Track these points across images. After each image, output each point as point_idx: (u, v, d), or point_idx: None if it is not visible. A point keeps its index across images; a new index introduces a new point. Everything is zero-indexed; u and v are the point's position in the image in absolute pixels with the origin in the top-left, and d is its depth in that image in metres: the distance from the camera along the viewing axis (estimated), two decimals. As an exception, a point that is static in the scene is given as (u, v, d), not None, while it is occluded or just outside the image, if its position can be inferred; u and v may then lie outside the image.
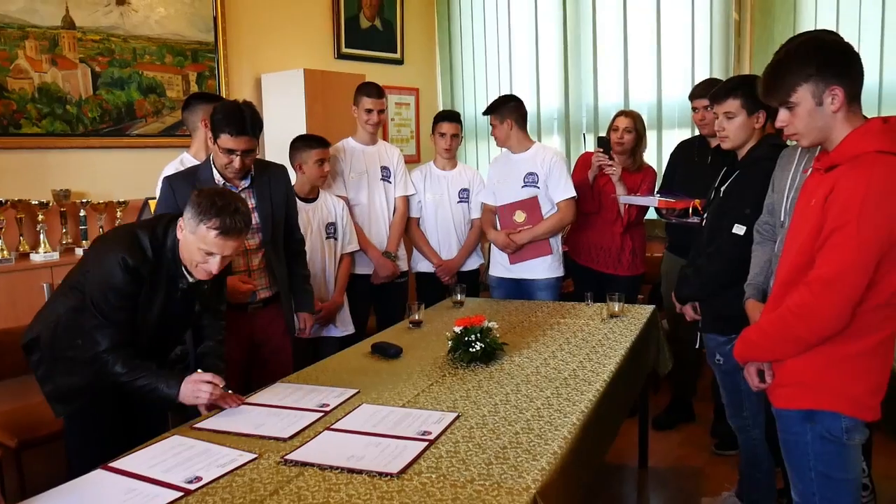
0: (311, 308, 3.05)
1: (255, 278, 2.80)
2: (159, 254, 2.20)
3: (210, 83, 4.36)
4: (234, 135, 2.57)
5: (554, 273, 3.75)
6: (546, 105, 5.45)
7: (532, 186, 3.69)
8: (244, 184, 2.75)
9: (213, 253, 2.11)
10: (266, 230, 2.78)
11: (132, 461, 1.83)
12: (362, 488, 1.64)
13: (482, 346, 2.52)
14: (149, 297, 2.22)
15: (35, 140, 3.65)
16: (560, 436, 1.90)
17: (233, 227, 2.08)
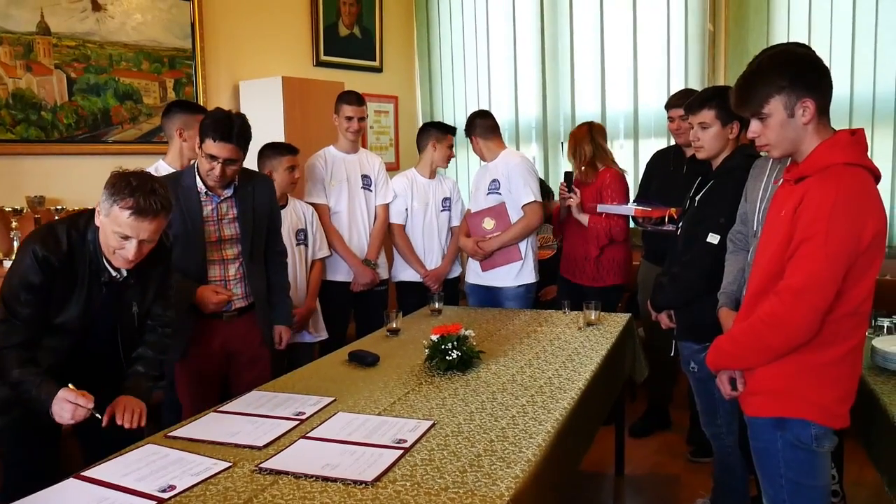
0: (289, 321, 3.02)
1: (231, 288, 2.77)
2: (78, 245, 2.07)
3: (188, 90, 4.34)
4: (216, 140, 2.55)
5: (524, 280, 3.78)
6: (524, 114, 5.49)
7: (495, 193, 3.76)
8: (227, 193, 2.73)
9: (128, 236, 1.99)
10: (245, 240, 2.76)
11: (105, 470, 1.81)
12: (337, 496, 1.64)
13: (459, 354, 2.53)
14: (65, 292, 2.08)
15: (9, 146, 3.61)
16: (534, 443, 1.91)
17: (148, 208, 1.97)
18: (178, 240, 2.64)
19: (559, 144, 5.33)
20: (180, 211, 2.64)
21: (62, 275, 2.05)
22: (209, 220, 2.71)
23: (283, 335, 2.97)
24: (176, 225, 2.63)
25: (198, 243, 2.68)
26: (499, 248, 3.72)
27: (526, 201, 3.70)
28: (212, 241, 2.71)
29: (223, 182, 2.67)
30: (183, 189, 2.67)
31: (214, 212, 2.71)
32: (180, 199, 2.65)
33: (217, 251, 2.73)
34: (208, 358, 2.77)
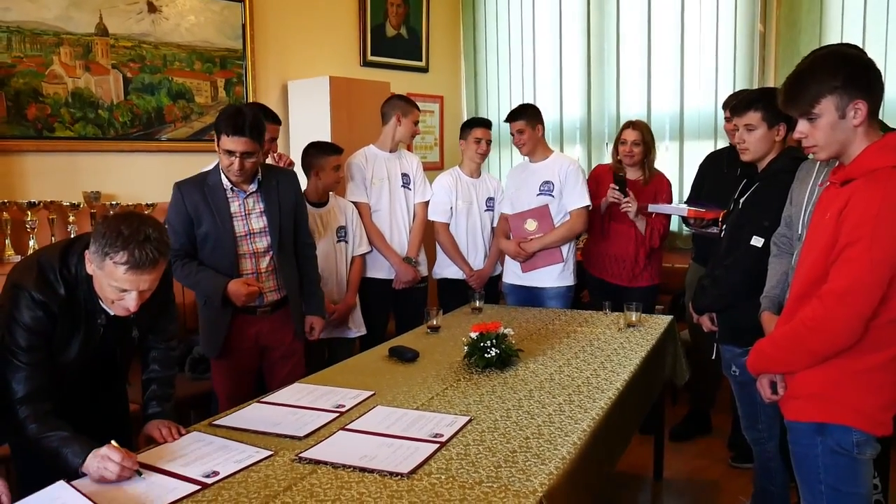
0: (321, 312, 3.06)
1: (263, 281, 2.82)
2: (72, 286, 1.95)
3: (238, 90, 4.45)
4: (230, 135, 2.60)
5: (565, 282, 3.78)
6: (569, 114, 5.47)
7: (547, 195, 3.73)
8: (252, 188, 2.78)
9: (127, 290, 1.86)
10: (273, 234, 2.81)
11: (152, 456, 1.89)
12: (373, 487, 1.68)
13: (497, 351, 2.55)
14: (65, 334, 1.99)
15: (68, 143, 3.75)
16: (570, 441, 1.93)
17: (144, 259, 1.81)
18: (209, 237, 2.74)
19: (603, 145, 5.30)
20: (209, 209, 2.73)
21: (62, 319, 1.95)
22: (237, 216, 2.77)
23: (315, 326, 3.01)
24: (206, 223, 2.73)
25: (228, 239, 2.75)
26: (540, 250, 3.72)
27: (576, 206, 3.71)
28: (241, 235, 2.77)
29: (244, 176, 2.71)
30: (210, 188, 2.75)
31: (241, 207, 2.78)
32: (208, 198, 2.73)
33: (247, 245, 2.79)
34: (243, 353, 2.84)
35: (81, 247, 1.95)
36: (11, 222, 3.41)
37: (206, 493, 1.67)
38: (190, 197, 2.74)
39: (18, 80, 3.56)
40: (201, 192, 2.74)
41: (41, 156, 3.67)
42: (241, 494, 1.66)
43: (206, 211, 2.73)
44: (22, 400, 1.88)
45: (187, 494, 1.66)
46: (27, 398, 1.88)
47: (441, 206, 3.93)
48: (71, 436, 1.83)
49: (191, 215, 2.74)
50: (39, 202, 3.50)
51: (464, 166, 4.01)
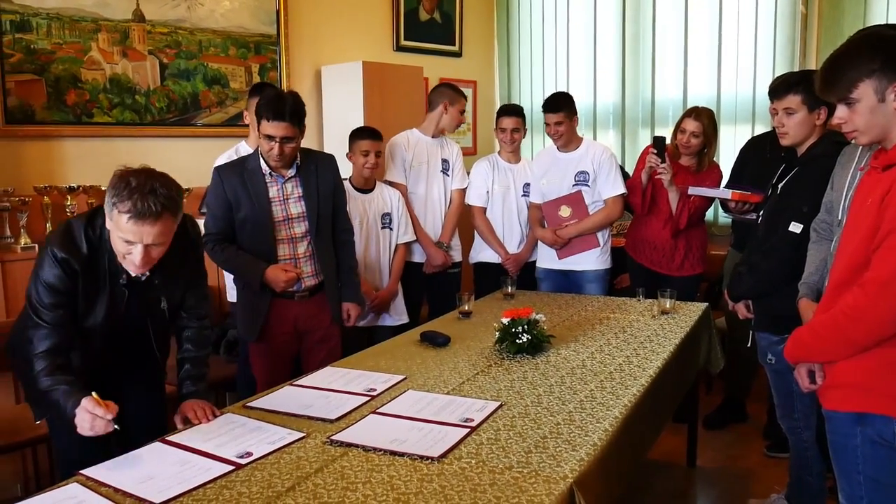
0: (358, 298, 3.06)
1: (301, 266, 2.83)
2: (96, 246, 1.98)
3: (272, 75, 4.47)
4: (271, 120, 2.61)
5: (603, 265, 3.75)
6: (602, 99, 5.41)
7: (583, 185, 3.70)
8: (290, 172, 2.79)
9: (132, 241, 1.88)
10: (311, 219, 2.82)
11: (187, 436, 1.92)
12: (403, 470, 1.69)
13: (529, 337, 2.54)
14: (90, 295, 2.02)
15: (106, 129, 3.81)
16: (601, 428, 1.91)
17: (147, 210, 1.82)
18: (248, 222, 2.76)
19: (638, 131, 5.23)
20: (248, 194, 2.74)
21: (85, 277, 1.98)
22: (276, 201, 2.78)
23: (352, 312, 3.00)
24: (245, 208, 2.75)
25: (266, 224, 2.76)
26: (576, 236, 3.69)
27: (613, 194, 3.67)
28: (279, 220, 2.78)
29: (283, 161, 2.72)
30: (248, 172, 2.76)
31: (280, 192, 2.79)
32: (247, 183, 2.75)
33: (285, 230, 2.80)
34: (281, 337, 2.86)
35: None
36: (52, 206, 3.48)
37: (239, 474, 1.70)
38: (229, 181, 2.76)
39: (58, 67, 3.62)
40: (240, 176, 2.76)
41: (80, 141, 3.73)
42: (274, 475, 1.68)
43: (244, 195, 2.75)
44: (39, 355, 1.93)
45: (222, 474, 1.69)
46: (44, 353, 1.93)
47: (477, 190, 3.93)
48: (73, 389, 1.86)
49: (230, 200, 2.76)
50: (79, 186, 3.56)
51: (501, 152, 3.99)
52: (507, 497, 1.55)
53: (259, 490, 1.61)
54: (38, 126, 3.58)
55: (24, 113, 3.53)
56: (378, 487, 1.61)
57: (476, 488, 1.59)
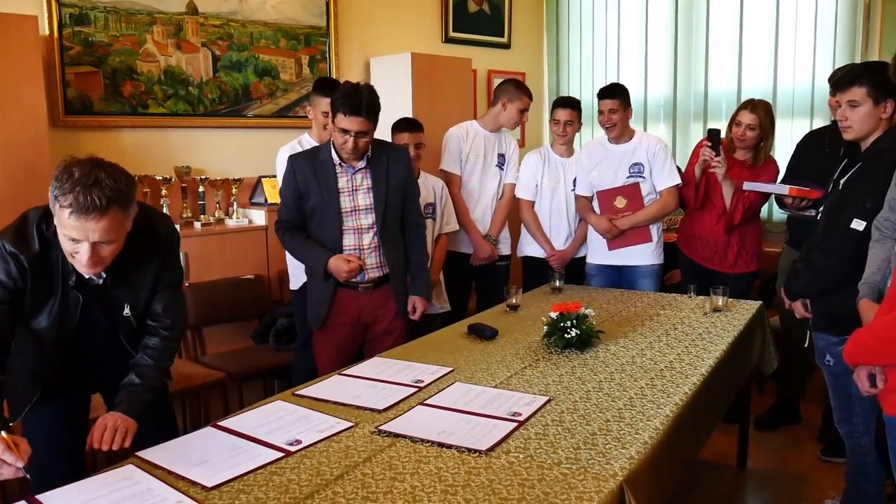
0: (425, 293, 3.01)
1: (365, 257, 2.83)
2: (48, 244, 1.79)
3: (321, 66, 4.50)
4: (347, 114, 2.63)
5: (656, 260, 3.69)
6: (654, 91, 5.32)
7: (637, 177, 3.63)
8: (360, 164, 2.80)
9: (77, 239, 1.68)
10: (378, 211, 2.81)
11: (239, 421, 1.94)
12: (451, 462, 1.68)
13: (577, 332, 2.51)
14: (38, 296, 1.83)
15: (160, 119, 3.88)
16: (651, 426, 1.88)
17: (89, 204, 1.62)
18: (316, 211, 2.80)
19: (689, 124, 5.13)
20: (317, 183, 2.77)
21: (35, 277, 1.80)
22: (344, 191, 2.80)
23: (418, 306, 2.97)
24: (314, 197, 2.78)
25: (333, 214, 2.78)
26: (630, 229, 3.64)
27: (668, 185, 3.61)
28: (347, 210, 2.80)
29: (356, 154, 2.74)
30: (320, 162, 2.79)
31: (349, 182, 2.80)
32: (317, 172, 2.78)
33: (352, 221, 2.81)
34: (344, 327, 2.88)
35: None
36: (108, 195, 3.56)
37: (288, 461, 1.71)
38: (301, 170, 2.80)
39: (115, 59, 3.70)
40: (312, 165, 2.79)
41: (136, 131, 3.81)
42: (323, 463, 1.69)
43: (314, 185, 2.78)
44: None
45: (271, 461, 1.71)
46: None
47: (526, 183, 3.89)
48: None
49: (300, 188, 2.80)
50: (134, 176, 3.63)
51: (553, 145, 3.95)
52: (556, 493, 1.53)
53: (308, 477, 1.62)
54: (96, 117, 3.67)
55: (83, 104, 3.62)
56: (426, 479, 1.60)
57: (524, 483, 1.58)
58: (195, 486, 1.60)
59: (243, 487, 1.59)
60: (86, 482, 1.64)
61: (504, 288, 3.22)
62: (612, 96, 3.62)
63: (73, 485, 1.62)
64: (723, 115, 4.86)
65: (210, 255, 3.74)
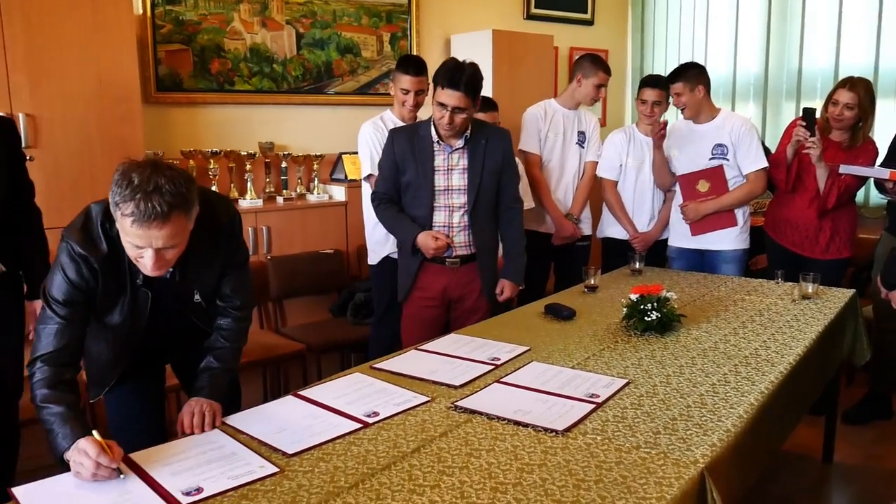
0: (517, 278, 2.98)
1: (453, 235, 2.83)
2: (116, 243, 1.74)
3: (402, 44, 4.51)
4: (445, 88, 2.63)
5: (741, 245, 3.55)
6: (743, 69, 5.11)
7: (720, 158, 3.49)
8: (458, 143, 2.79)
9: (140, 246, 1.64)
10: (471, 192, 2.80)
11: (318, 392, 1.98)
12: (527, 441, 1.67)
13: (658, 315, 2.45)
14: (110, 295, 1.82)
15: (245, 96, 3.98)
16: (735, 414, 1.82)
17: (153, 212, 1.57)
18: (410, 186, 2.82)
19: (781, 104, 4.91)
20: (414, 159, 2.79)
21: (105, 277, 1.78)
22: (439, 170, 2.80)
23: (507, 290, 2.95)
24: (410, 172, 2.80)
25: (426, 190, 2.80)
26: (713, 213, 3.52)
27: (754, 168, 3.45)
28: (440, 189, 2.81)
29: (452, 130, 2.73)
30: (419, 138, 2.81)
31: (445, 161, 2.80)
32: (415, 148, 2.79)
33: (444, 199, 2.82)
34: (429, 302, 2.90)
35: None
36: (196, 169, 3.68)
37: (366, 432, 1.74)
38: (399, 145, 2.82)
39: (203, 37, 3.80)
40: (410, 141, 2.81)
41: (222, 108, 3.92)
42: (399, 436, 1.71)
43: (411, 160, 2.80)
44: (43, 357, 1.71)
45: (349, 431, 1.74)
46: (49, 357, 1.71)
47: (610, 162, 3.81)
48: (69, 414, 1.62)
49: (397, 162, 2.82)
50: (220, 151, 3.75)
51: (639, 124, 3.85)
52: (634, 477, 1.51)
53: (385, 449, 1.65)
54: (185, 93, 3.79)
55: (173, 81, 3.74)
56: (502, 456, 1.60)
57: (602, 465, 1.56)
58: (276, 451, 1.64)
59: (322, 456, 1.62)
60: (175, 443, 1.71)
61: (582, 269, 3.17)
62: (673, 80, 3.48)
63: (163, 445, 1.70)
64: (818, 94, 4.64)
65: (291, 230, 3.83)
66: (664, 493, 1.44)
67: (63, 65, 3.06)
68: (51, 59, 3.03)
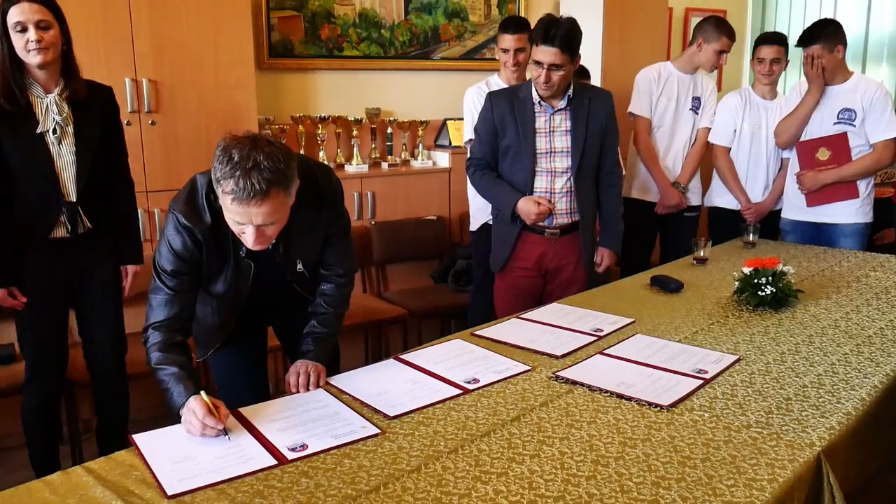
0: (615, 246, 2.89)
1: (555, 201, 2.71)
2: (220, 214, 1.74)
3: (510, 7, 4.43)
4: (539, 44, 2.53)
5: (863, 218, 3.30)
6: (877, 28, 4.74)
7: (846, 123, 3.24)
8: (561, 104, 2.68)
9: (241, 223, 1.66)
10: (575, 155, 2.69)
11: (419, 356, 2.01)
12: (630, 415, 1.63)
13: (773, 290, 2.33)
14: (216, 266, 1.86)
15: (354, 62, 4.02)
16: (856, 396, 1.72)
17: (252, 190, 1.57)
18: (510, 149, 2.72)
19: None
20: (514, 122, 2.69)
21: (209, 247, 1.81)
22: (541, 132, 2.70)
23: (606, 259, 2.86)
24: (510, 135, 2.71)
25: (528, 154, 2.69)
26: (834, 183, 3.29)
27: (884, 137, 3.20)
28: (542, 152, 2.71)
29: (550, 89, 2.62)
30: (519, 101, 2.71)
31: (547, 123, 2.70)
32: (515, 110, 2.70)
33: (546, 163, 2.71)
34: (525, 272, 2.80)
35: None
36: (305, 135, 3.77)
37: (466, 398, 1.74)
38: (498, 107, 2.72)
39: (315, 3, 3.85)
40: (510, 103, 2.71)
41: (331, 73, 3.98)
42: (500, 404, 1.71)
43: (511, 123, 2.70)
44: (154, 325, 1.78)
45: (449, 397, 1.75)
46: (160, 325, 1.78)
47: (723, 127, 3.61)
48: (181, 374, 1.70)
49: (496, 126, 2.73)
50: (328, 117, 3.82)
51: (755, 86, 3.64)
52: (744, 457, 1.44)
53: (485, 416, 1.65)
54: (296, 59, 3.87)
55: (285, 47, 3.83)
56: (603, 429, 1.57)
57: (709, 443, 1.50)
58: (378, 413, 1.67)
59: (422, 420, 1.64)
60: (281, 400, 1.77)
61: (691, 240, 3.05)
62: (810, 42, 3.22)
63: (271, 401, 1.76)
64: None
65: (395, 195, 3.87)
66: (776, 475, 1.38)
67: (183, 32, 3.18)
68: (171, 27, 3.15)
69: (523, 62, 3.26)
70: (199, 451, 1.51)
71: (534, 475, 1.39)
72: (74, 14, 2.94)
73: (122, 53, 3.07)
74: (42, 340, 2.49)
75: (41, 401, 2.55)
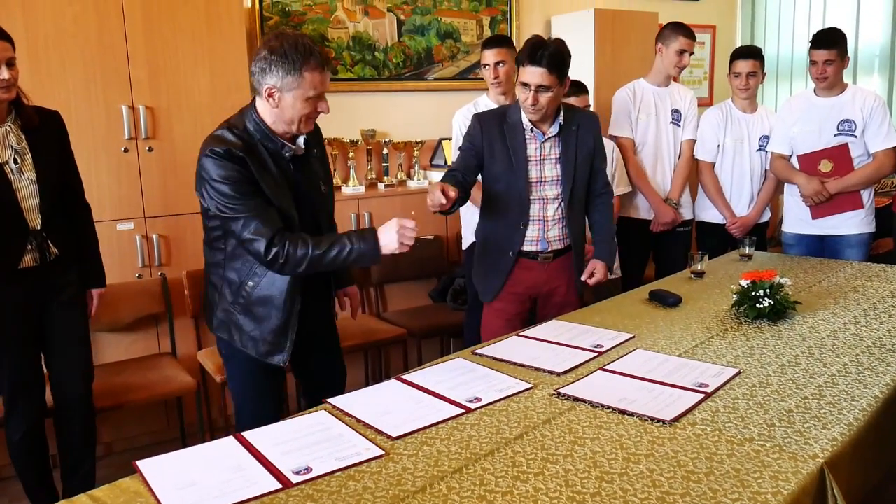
0: (608, 258, 2.78)
1: (549, 229, 2.66)
2: (246, 139, 2.03)
3: (502, 27, 4.47)
4: (526, 65, 2.45)
5: (866, 228, 3.33)
6: (866, 40, 4.79)
7: (847, 135, 3.27)
8: (552, 131, 2.60)
9: (318, 95, 2.01)
10: (566, 184, 2.63)
11: (421, 376, 2.01)
12: (633, 430, 1.64)
13: (771, 302, 2.34)
14: (266, 177, 2.04)
15: (349, 84, 4.05)
16: (857, 407, 1.72)
17: (324, 57, 2.00)
18: (502, 178, 2.62)
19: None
20: (505, 148, 2.60)
21: (252, 162, 2.01)
22: (532, 160, 2.61)
23: (598, 272, 2.71)
24: (500, 163, 2.61)
25: (521, 183, 2.61)
26: (838, 194, 3.32)
27: (884, 147, 3.25)
28: (533, 181, 2.62)
29: (538, 112, 2.53)
30: (509, 125, 2.62)
31: (538, 151, 2.62)
32: (506, 136, 2.61)
33: (537, 191, 2.63)
34: (516, 297, 2.73)
35: (237, 114, 2.11)
36: (302, 157, 3.79)
37: (469, 417, 1.75)
38: (489, 131, 2.62)
39: (308, 27, 3.89)
40: (500, 128, 2.62)
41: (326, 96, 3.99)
42: (502, 422, 1.71)
43: (502, 150, 2.61)
44: (272, 241, 1.95)
45: (452, 416, 1.75)
46: (276, 237, 1.96)
47: (707, 143, 3.65)
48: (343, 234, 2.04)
49: (483, 150, 2.63)
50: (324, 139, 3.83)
51: (735, 100, 3.68)
52: (748, 470, 1.45)
53: (488, 435, 1.65)
54: (291, 83, 3.89)
55: (280, 71, 3.85)
56: (607, 445, 1.57)
57: (712, 457, 1.50)
58: (381, 434, 1.67)
59: (426, 440, 1.64)
60: (285, 423, 1.77)
61: (687, 255, 3.07)
62: (831, 45, 3.23)
63: (274, 425, 1.76)
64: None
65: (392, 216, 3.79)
66: (780, 488, 1.38)
67: (178, 59, 3.21)
68: (167, 54, 3.18)
69: (504, 76, 3.25)
70: (204, 477, 1.51)
71: (539, 493, 1.39)
72: (70, 42, 2.99)
73: (119, 80, 3.10)
74: (18, 372, 2.47)
75: (24, 433, 2.53)
